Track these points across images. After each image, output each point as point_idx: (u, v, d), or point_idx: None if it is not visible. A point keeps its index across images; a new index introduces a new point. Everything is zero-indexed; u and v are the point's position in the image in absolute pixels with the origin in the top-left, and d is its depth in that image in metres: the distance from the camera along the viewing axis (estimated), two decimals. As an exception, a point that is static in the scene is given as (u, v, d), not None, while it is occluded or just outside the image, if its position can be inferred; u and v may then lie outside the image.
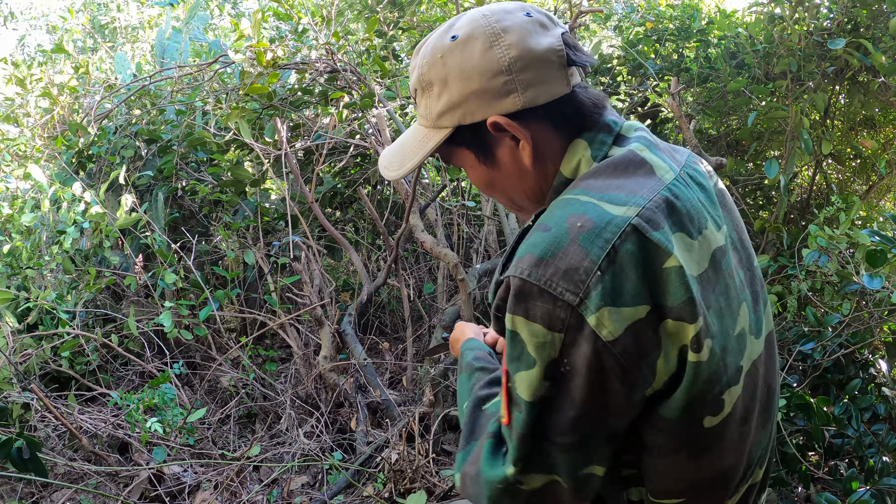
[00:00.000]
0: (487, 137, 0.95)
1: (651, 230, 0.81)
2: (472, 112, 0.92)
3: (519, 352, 0.83)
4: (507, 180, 0.99)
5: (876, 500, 1.81)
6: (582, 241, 0.80)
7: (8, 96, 4.11)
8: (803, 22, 2.73)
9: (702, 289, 0.84)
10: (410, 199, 2.83)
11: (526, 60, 0.90)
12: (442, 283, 3.56)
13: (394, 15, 3.89)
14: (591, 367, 0.80)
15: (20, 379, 2.72)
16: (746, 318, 0.93)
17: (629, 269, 0.80)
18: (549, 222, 0.84)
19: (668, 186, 0.88)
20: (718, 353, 0.84)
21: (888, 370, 2.31)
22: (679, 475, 0.91)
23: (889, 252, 1.95)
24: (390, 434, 2.63)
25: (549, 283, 0.79)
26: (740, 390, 0.89)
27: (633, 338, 0.79)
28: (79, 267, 3.21)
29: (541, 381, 0.82)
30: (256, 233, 3.49)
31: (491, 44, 0.90)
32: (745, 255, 1.00)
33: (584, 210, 0.83)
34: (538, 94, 0.91)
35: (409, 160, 1.01)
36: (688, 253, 0.85)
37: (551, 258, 0.80)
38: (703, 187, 0.96)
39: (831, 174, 3.50)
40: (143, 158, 3.66)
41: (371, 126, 3.25)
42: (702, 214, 0.90)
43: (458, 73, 0.92)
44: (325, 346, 2.95)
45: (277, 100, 3.39)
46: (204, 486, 2.52)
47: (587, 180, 0.90)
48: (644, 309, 0.80)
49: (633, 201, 0.84)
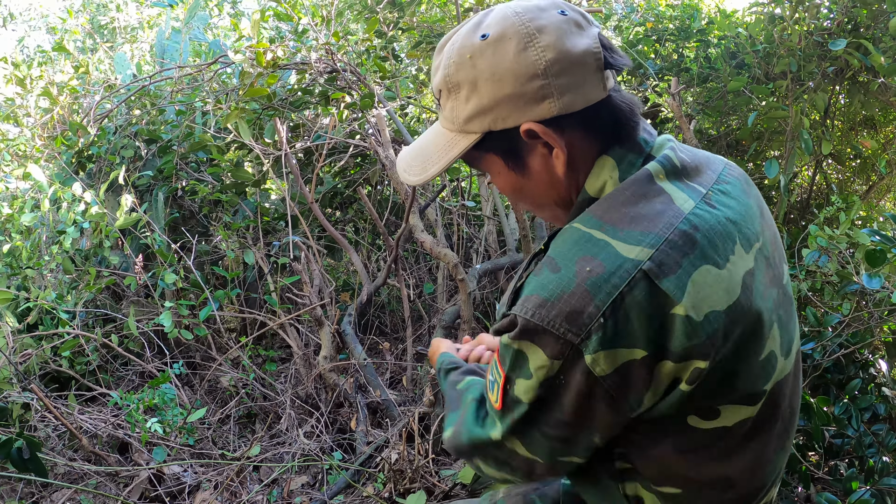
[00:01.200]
0: (519, 144, 0.90)
1: (662, 276, 0.80)
2: (504, 118, 0.88)
3: (521, 365, 0.86)
4: (536, 188, 0.96)
5: (876, 500, 1.81)
6: (589, 286, 0.80)
7: (8, 96, 4.11)
8: (803, 22, 2.73)
9: (728, 322, 0.83)
10: (410, 200, 2.83)
11: (563, 63, 0.85)
12: (442, 283, 3.55)
13: (393, 15, 3.90)
14: (580, 392, 0.83)
15: (20, 379, 2.72)
16: (777, 340, 0.90)
17: (633, 316, 0.79)
18: (560, 261, 0.84)
19: (687, 217, 0.85)
20: (717, 378, 0.84)
21: (888, 370, 2.31)
22: (669, 468, 0.92)
23: (889, 252, 1.95)
24: (390, 434, 2.63)
25: (552, 324, 0.81)
26: (752, 413, 0.89)
27: (624, 376, 0.81)
28: (79, 267, 3.21)
29: (536, 389, 0.86)
30: (256, 233, 3.49)
31: (526, 44, 0.85)
32: (779, 272, 0.96)
33: (595, 252, 0.82)
34: (575, 100, 0.86)
35: (432, 165, 0.96)
36: (715, 286, 0.82)
37: (556, 300, 0.81)
38: (738, 202, 0.92)
39: (831, 174, 3.50)
40: (142, 158, 3.66)
41: (371, 126, 3.25)
42: (729, 239, 0.87)
43: (490, 75, 0.86)
44: (325, 346, 2.95)
45: (277, 100, 3.39)
46: (204, 486, 2.52)
47: (603, 209, 0.88)
48: (640, 353, 0.80)
49: (647, 241, 0.82)
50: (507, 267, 3.42)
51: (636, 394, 0.83)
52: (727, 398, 0.86)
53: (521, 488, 1.25)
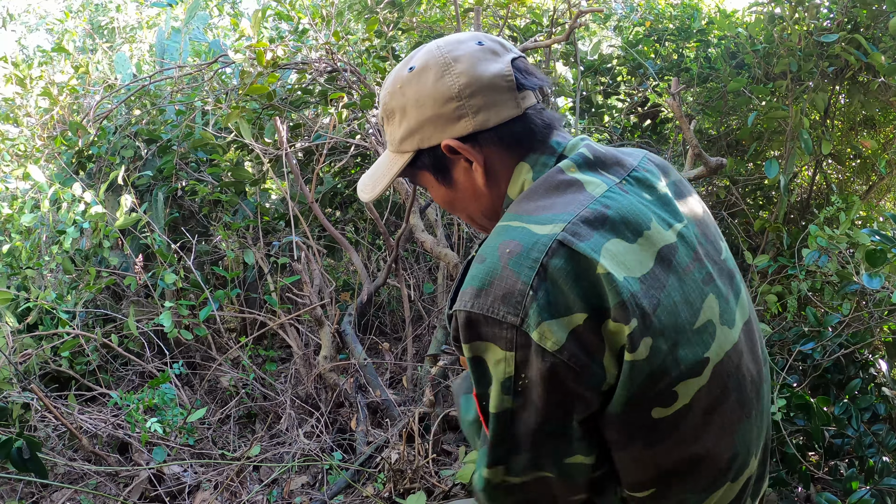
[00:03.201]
0: (444, 160, 1.02)
1: (577, 242, 0.86)
2: (429, 137, 1.00)
3: (482, 372, 0.90)
4: (464, 200, 1.06)
5: (876, 500, 1.81)
6: (512, 265, 0.86)
7: (7, 97, 4.11)
8: (803, 22, 2.73)
9: (646, 288, 0.88)
10: (410, 200, 2.83)
11: (475, 86, 0.96)
12: (442, 283, 3.55)
13: (393, 15, 3.89)
14: (545, 378, 0.86)
15: (20, 379, 2.72)
16: (715, 309, 0.96)
17: (561, 282, 0.85)
18: (485, 252, 0.90)
19: (598, 199, 0.92)
20: (665, 349, 0.88)
21: (888, 370, 2.31)
22: (641, 466, 0.94)
23: (889, 252, 1.95)
24: (390, 434, 2.63)
25: (491, 310, 0.86)
26: (704, 381, 0.92)
27: (577, 343, 0.85)
28: (79, 267, 3.21)
29: (500, 395, 0.89)
30: (256, 233, 3.49)
31: (443, 73, 0.97)
32: (713, 248, 1.03)
33: (513, 236, 0.89)
34: (488, 118, 0.97)
35: (378, 183, 1.09)
36: (627, 255, 0.89)
37: (489, 287, 0.86)
38: (651, 189, 1.00)
39: (831, 174, 3.50)
40: (142, 158, 3.66)
41: (371, 126, 3.25)
42: (642, 217, 0.94)
43: (415, 101, 0.99)
44: (325, 346, 2.95)
45: (277, 100, 3.39)
46: (204, 486, 2.52)
47: (519, 204, 0.96)
48: (581, 316, 0.85)
49: (559, 219, 0.89)
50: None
51: (596, 361, 0.86)
52: (677, 372, 0.89)
53: None
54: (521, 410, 0.89)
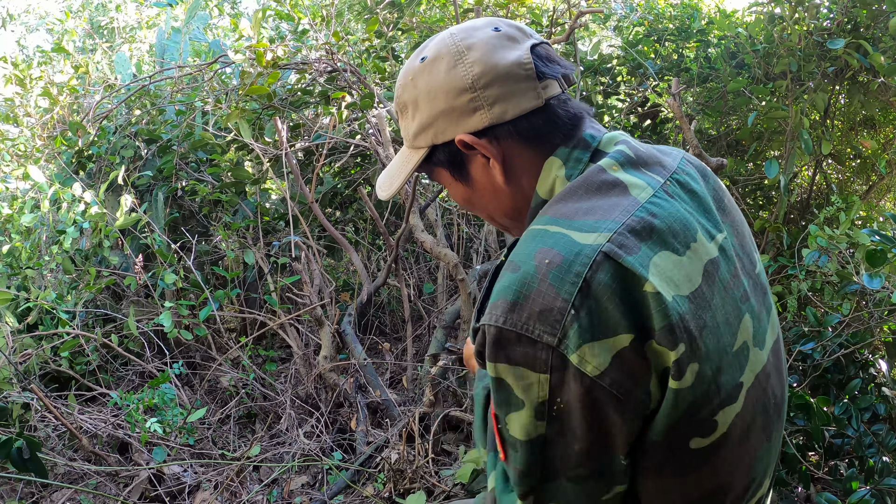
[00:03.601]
0: (460, 156, 0.95)
1: (624, 255, 0.78)
2: (443, 131, 0.93)
3: (506, 396, 0.81)
4: (483, 198, 0.99)
5: (876, 500, 1.81)
6: (552, 278, 0.77)
7: (7, 97, 4.10)
8: (803, 22, 2.73)
9: (694, 308, 0.81)
10: (410, 200, 2.83)
11: (490, 76, 0.89)
12: (442, 283, 3.55)
13: (393, 16, 3.89)
14: (584, 404, 0.78)
15: (20, 379, 2.72)
16: (750, 330, 0.88)
17: (605, 301, 0.76)
18: (519, 260, 0.81)
19: (644, 206, 0.84)
20: (710, 376, 0.81)
21: (888, 370, 2.31)
22: (665, 495, 0.88)
23: (889, 252, 1.95)
24: (390, 434, 2.63)
25: (525, 328, 0.77)
26: (739, 408, 0.85)
27: (621, 367, 0.77)
28: (79, 267, 3.21)
29: (533, 421, 0.80)
30: (256, 233, 3.49)
31: (455, 62, 0.90)
32: (748, 261, 0.96)
33: (552, 243, 0.80)
34: (506, 110, 0.89)
35: (395, 180, 1.02)
36: (676, 271, 0.81)
37: (524, 301, 0.77)
38: (693, 194, 0.92)
39: (831, 174, 3.50)
40: (142, 158, 3.66)
41: (371, 126, 3.25)
42: (689, 227, 0.86)
43: (426, 93, 0.93)
44: (325, 346, 2.95)
45: (277, 100, 3.39)
46: (204, 486, 2.52)
47: (556, 205, 0.87)
48: (627, 337, 0.76)
49: (604, 226, 0.80)
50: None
51: (642, 386, 0.78)
52: (718, 400, 0.83)
53: None
54: (558, 437, 0.81)
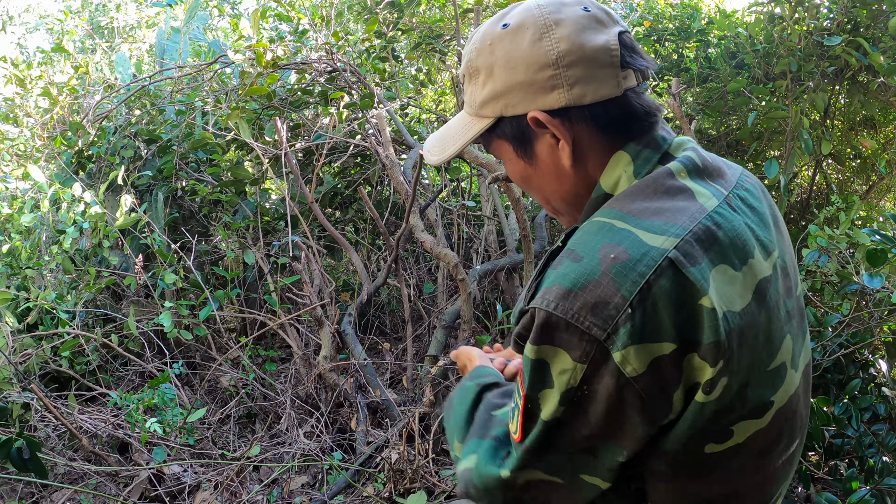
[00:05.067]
0: (528, 132, 0.92)
1: (688, 265, 0.78)
2: (515, 104, 0.90)
3: (542, 376, 0.82)
4: (543, 179, 0.96)
5: (876, 500, 1.81)
6: (615, 274, 0.77)
7: (7, 97, 4.10)
8: (803, 22, 2.74)
9: (742, 324, 0.81)
10: (410, 200, 2.83)
11: (575, 56, 0.86)
12: (442, 283, 3.55)
13: (393, 16, 3.90)
14: (611, 399, 0.79)
15: (20, 379, 2.72)
16: (790, 351, 0.89)
17: (661, 307, 0.76)
18: (582, 251, 0.81)
19: (710, 214, 0.84)
20: (735, 389, 0.81)
21: (888, 370, 2.31)
22: (680, 495, 0.89)
23: (889, 252, 1.95)
24: (390, 434, 2.62)
25: (576, 317, 0.77)
26: (764, 424, 0.86)
27: (656, 373, 0.77)
28: (79, 267, 3.21)
29: (557, 405, 0.81)
30: (256, 233, 3.49)
31: (541, 35, 0.87)
32: (794, 283, 0.95)
33: (619, 240, 0.80)
34: (585, 93, 0.87)
35: (450, 146, 1.00)
36: (730, 287, 0.81)
37: (580, 290, 0.77)
38: (753, 209, 0.91)
39: (831, 174, 3.50)
40: (142, 158, 3.66)
41: (371, 126, 3.25)
42: (748, 243, 0.85)
43: (505, 62, 0.89)
44: (325, 346, 2.95)
45: (277, 100, 3.39)
46: (204, 486, 2.52)
47: (623, 201, 0.87)
48: (670, 346, 0.77)
49: (671, 231, 0.80)
50: (508, 267, 3.42)
51: (666, 394, 0.79)
52: (739, 412, 0.84)
53: None
54: (572, 420, 0.82)
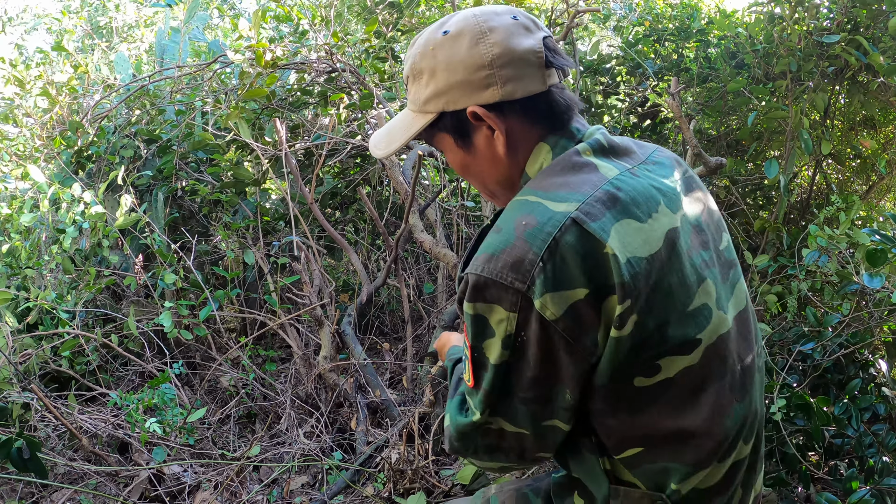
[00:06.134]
0: (466, 125, 1.04)
1: (589, 221, 0.91)
2: (455, 101, 1.02)
3: (482, 328, 0.95)
4: (481, 166, 1.09)
5: (876, 500, 1.81)
6: (527, 236, 0.91)
7: (6, 97, 4.10)
8: (803, 22, 2.74)
9: (650, 268, 0.93)
10: (410, 200, 2.83)
11: (507, 58, 0.99)
12: (442, 283, 3.55)
13: (392, 17, 3.89)
14: (540, 341, 0.92)
15: (20, 379, 2.72)
16: (712, 294, 1.01)
17: (569, 258, 0.90)
18: (502, 224, 0.96)
19: (611, 181, 0.97)
20: (652, 327, 0.93)
21: (888, 370, 2.31)
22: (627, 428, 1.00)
23: (889, 252, 1.95)
24: (390, 434, 2.62)
25: (499, 275, 0.91)
26: (693, 361, 0.97)
27: (574, 316, 0.90)
28: (79, 267, 3.20)
29: (501, 350, 0.95)
30: (256, 233, 3.49)
31: (477, 41, 1.00)
32: (713, 238, 1.09)
33: (530, 210, 0.94)
34: (515, 90, 1.00)
35: (395, 141, 1.11)
36: (635, 236, 0.93)
37: (500, 254, 0.92)
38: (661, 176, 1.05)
39: (831, 174, 3.50)
40: (142, 158, 3.66)
41: (371, 126, 3.25)
42: (653, 199, 0.98)
43: (446, 64, 1.01)
44: (325, 346, 2.95)
45: (277, 100, 3.39)
46: (204, 486, 2.52)
47: (537, 180, 1.01)
48: (582, 291, 0.90)
49: (573, 197, 0.94)
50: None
51: (590, 334, 0.92)
52: (662, 348, 0.95)
53: (514, 484, 1.27)
54: (517, 363, 0.95)
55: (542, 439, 1.01)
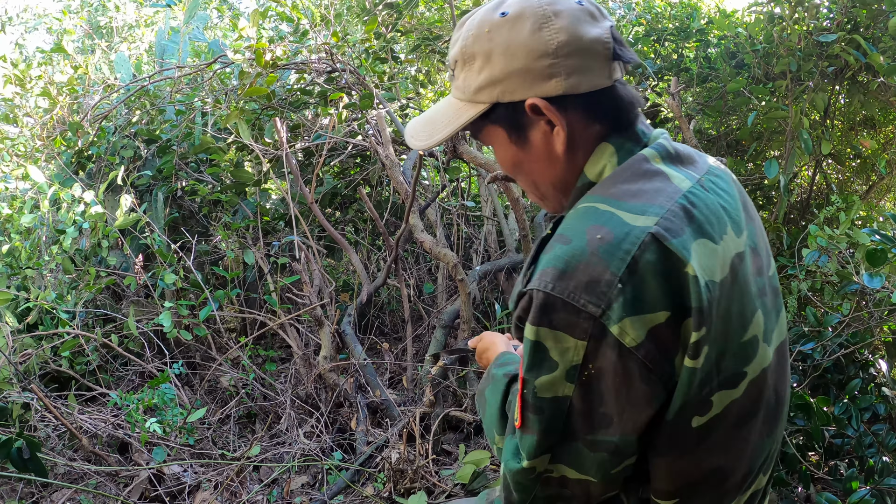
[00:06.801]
0: (523, 118, 0.94)
1: (670, 238, 0.83)
2: (513, 91, 0.92)
3: (540, 359, 0.85)
4: (535, 164, 0.98)
5: (876, 500, 1.81)
6: (602, 253, 0.82)
7: (7, 97, 4.10)
8: (803, 22, 2.74)
9: (720, 295, 0.85)
10: (410, 200, 2.83)
11: (573, 47, 0.89)
12: (442, 283, 3.55)
13: (392, 17, 3.90)
14: (616, 372, 0.83)
15: (20, 379, 2.72)
16: (761, 326, 0.93)
17: (649, 279, 0.82)
18: (570, 233, 0.86)
19: (685, 194, 0.89)
20: (713, 358, 0.86)
21: (888, 370, 2.31)
22: (674, 474, 0.92)
23: (889, 251, 1.95)
24: (390, 434, 2.63)
25: (572, 296, 0.82)
26: (737, 395, 0.90)
27: (654, 341, 0.82)
28: (79, 267, 3.20)
29: (563, 382, 0.85)
30: (256, 233, 3.49)
31: (541, 25, 0.90)
32: (764, 264, 1.01)
33: (603, 221, 0.85)
34: (580, 82, 0.90)
35: (438, 132, 1.00)
36: (711, 258, 0.86)
37: (573, 271, 0.82)
38: (725, 192, 0.97)
39: (831, 174, 3.50)
40: (142, 158, 3.66)
41: (371, 126, 3.25)
42: (722, 220, 0.91)
43: (504, 49, 0.91)
44: (325, 346, 2.95)
45: (277, 100, 3.39)
46: (204, 486, 2.52)
47: (605, 186, 0.92)
48: (664, 314, 0.82)
49: (651, 210, 0.85)
50: (507, 268, 3.42)
51: (668, 359, 0.84)
52: (715, 382, 0.88)
53: None
54: (583, 400, 0.86)
55: (611, 483, 0.91)
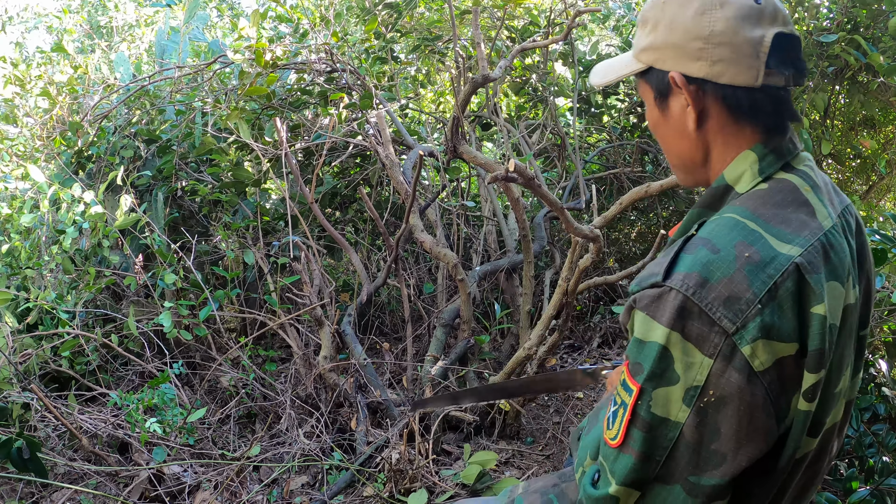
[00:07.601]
0: (668, 87, 1.01)
1: (812, 272, 0.84)
2: (664, 60, 1.00)
3: (664, 367, 0.84)
4: (669, 133, 1.05)
5: (876, 500, 1.81)
6: (748, 271, 0.82)
7: (7, 97, 4.10)
8: (803, 22, 2.74)
9: (837, 341, 0.86)
10: (410, 200, 2.83)
11: (725, 38, 0.93)
12: (442, 283, 3.55)
13: (391, 18, 3.89)
14: (741, 398, 0.81)
15: (20, 379, 2.72)
16: (847, 381, 0.95)
17: (786, 307, 0.82)
18: (719, 243, 0.86)
19: (826, 234, 0.90)
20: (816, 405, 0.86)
21: (888, 370, 2.31)
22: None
23: (889, 252, 1.95)
24: (390, 434, 2.63)
25: (709, 307, 0.82)
26: (814, 445, 0.91)
27: (779, 372, 0.82)
28: (79, 267, 3.20)
29: (679, 404, 0.83)
30: (256, 233, 3.49)
31: (705, 10, 0.95)
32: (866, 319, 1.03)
33: (752, 240, 0.86)
34: (723, 72, 0.94)
35: (609, 74, 1.11)
36: (837, 301, 0.87)
37: (716, 283, 0.82)
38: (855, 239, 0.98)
39: (831, 174, 3.50)
40: (142, 158, 3.66)
41: (371, 126, 3.25)
42: (847, 268, 0.91)
43: (669, 22, 0.98)
44: (325, 346, 2.95)
45: (277, 100, 3.39)
46: (204, 486, 2.52)
47: (755, 204, 0.92)
48: (793, 346, 0.82)
49: (796, 241, 0.86)
50: (507, 268, 3.42)
51: (787, 394, 0.83)
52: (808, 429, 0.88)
53: (539, 484, 1.23)
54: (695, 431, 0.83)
55: None
